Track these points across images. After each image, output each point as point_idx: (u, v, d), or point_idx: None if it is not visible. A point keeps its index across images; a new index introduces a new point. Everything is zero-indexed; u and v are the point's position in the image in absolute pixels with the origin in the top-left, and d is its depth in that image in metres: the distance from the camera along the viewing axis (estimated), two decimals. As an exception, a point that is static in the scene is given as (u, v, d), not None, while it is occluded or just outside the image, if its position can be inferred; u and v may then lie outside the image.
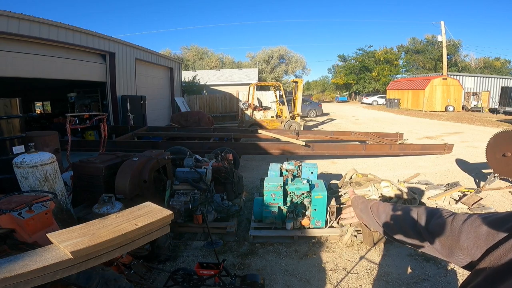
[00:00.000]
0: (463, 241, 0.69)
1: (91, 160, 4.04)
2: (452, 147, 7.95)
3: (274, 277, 3.08)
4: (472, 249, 0.66)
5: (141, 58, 12.63)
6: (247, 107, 12.94)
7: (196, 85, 20.85)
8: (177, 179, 4.05)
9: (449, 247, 0.73)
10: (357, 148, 7.89)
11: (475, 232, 0.67)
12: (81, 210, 3.83)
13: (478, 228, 0.67)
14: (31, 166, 3.26)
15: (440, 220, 0.77)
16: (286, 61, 40.91)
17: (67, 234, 1.16)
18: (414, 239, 0.83)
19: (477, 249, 0.65)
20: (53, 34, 8.03)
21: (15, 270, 0.95)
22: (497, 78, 28.37)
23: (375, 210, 1.03)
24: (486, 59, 40.10)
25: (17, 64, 7.27)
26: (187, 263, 3.31)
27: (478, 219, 0.69)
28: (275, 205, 3.83)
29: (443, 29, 25.74)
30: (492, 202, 4.97)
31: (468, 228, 0.69)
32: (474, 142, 10.22)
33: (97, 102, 12.87)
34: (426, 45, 41.48)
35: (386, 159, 7.94)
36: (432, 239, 0.77)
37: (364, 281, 3.02)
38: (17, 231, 1.97)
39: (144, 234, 1.28)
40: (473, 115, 20.65)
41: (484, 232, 0.65)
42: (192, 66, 35.82)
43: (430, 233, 0.78)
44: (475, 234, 0.67)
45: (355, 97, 43.83)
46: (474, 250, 0.66)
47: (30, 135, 4.73)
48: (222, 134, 8.99)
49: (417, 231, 0.81)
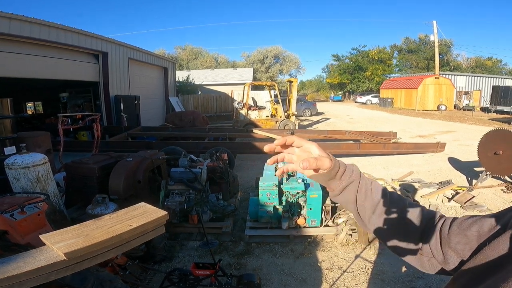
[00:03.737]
0: (454, 244, 0.69)
1: (84, 160, 4.00)
2: (445, 145, 8.05)
3: (270, 276, 3.09)
4: (463, 251, 0.67)
5: (134, 57, 12.53)
6: (242, 107, 12.93)
7: (190, 84, 20.76)
8: (172, 179, 4.03)
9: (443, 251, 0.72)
10: (351, 147, 7.94)
11: (465, 235, 0.67)
12: (75, 211, 3.79)
13: (468, 229, 0.67)
14: (23, 167, 3.21)
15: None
16: (281, 61, 40.98)
17: (61, 235, 1.14)
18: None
19: (468, 250, 0.66)
20: (45, 33, 7.93)
21: (8, 272, 0.93)
22: (488, 78, 28.77)
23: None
24: (477, 58, 40.66)
25: (7, 64, 7.15)
26: (183, 264, 3.30)
27: (466, 221, 0.69)
28: (271, 205, 3.83)
29: (435, 29, 26.02)
30: (484, 200, 5.04)
31: (457, 230, 0.69)
32: (466, 141, 10.35)
33: (90, 102, 12.73)
34: (419, 45, 41.91)
35: (380, 158, 8.00)
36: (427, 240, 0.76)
37: (360, 279, 3.04)
38: (9, 233, 1.95)
39: (139, 235, 1.27)
40: (465, 114, 20.92)
41: (474, 231, 0.65)
42: (187, 65, 35.64)
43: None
44: (465, 236, 0.67)
45: (349, 97, 44.10)
46: (466, 252, 0.66)
47: (21, 135, 4.66)
48: (217, 134, 8.97)
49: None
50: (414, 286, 2.92)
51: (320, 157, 0.73)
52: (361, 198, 0.79)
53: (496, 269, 0.54)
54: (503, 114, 18.85)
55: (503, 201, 5.03)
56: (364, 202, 0.79)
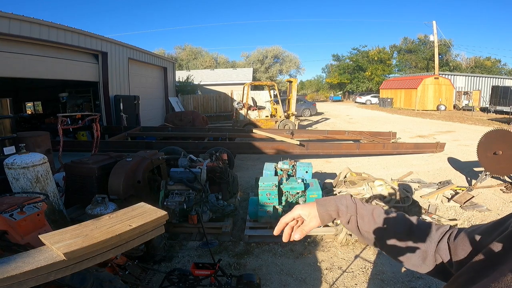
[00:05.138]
0: (460, 255, 0.71)
1: (83, 160, 3.99)
2: (444, 145, 8.06)
3: (270, 276, 3.09)
4: (466, 259, 0.69)
5: (134, 57, 12.53)
6: (241, 107, 12.92)
7: (190, 84, 20.75)
8: (172, 179, 4.03)
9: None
10: (351, 147, 7.94)
11: (469, 241, 0.70)
12: (74, 211, 3.79)
13: (473, 240, 0.70)
14: (22, 167, 3.21)
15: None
16: (281, 61, 40.99)
17: (60, 235, 1.14)
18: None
19: (470, 254, 0.69)
20: (44, 33, 7.92)
21: (7, 272, 0.93)
22: (487, 78, 28.77)
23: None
24: (477, 58, 40.69)
25: (7, 64, 7.15)
26: (183, 264, 3.30)
27: (469, 233, 0.72)
28: (270, 205, 3.83)
29: (435, 29, 26.04)
30: (484, 200, 5.04)
31: (462, 241, 0.72)
32: (465, 141, 10.36)
33: (90, 102, 12.72)
34: (418, 45, 41.95)
35: (380, 158, 8.01)
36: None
37: (359, 279, 3.04)
38: (9, 233, 1.94)
39: (138, 235, 1.26)
40: (464, 114, 20.93)
41: (478, 240, 0.68)
42: (186, 65, 35.63)
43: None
44: (469, 242, 0.70)
45: (349, 97, 44.10)
46: (468, 256, 0.69)
47: (21, 135, 4.66)
48: (217, 134, 8.97)
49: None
50: (413, 286, 2.92)
51: (307, 223, 0.90)
52: (365, 228, 0.87)
53: (490, 269, 0.56)
54: (503, 114, 18.87)
55: (503, 201, 5.03)
56: (369, 230, 0.87)
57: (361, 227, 0.87)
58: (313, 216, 0.90)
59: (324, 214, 0.90)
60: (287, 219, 0.93)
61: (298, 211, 0.92)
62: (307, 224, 0.90)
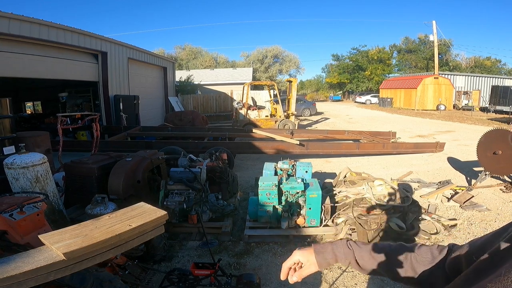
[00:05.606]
0: (463, 267, 0.73)
1: (83, 160, 3.99)
2: (444, 145, 8.06)
3: (270, 276, 3.09)
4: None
5: (134, 57, 12.52)
6: (241, 107, 12.92)
7: (190, 84, 20.75)
8: (172, 179, 4.03)
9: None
10: (351, 147, 7.94)
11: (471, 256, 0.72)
12: (74, 211, 3.79)
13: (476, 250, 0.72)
14: (22, 167, 3.21)
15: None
16: (280, 61, 41.00)
17: (60, 235, 1.14)
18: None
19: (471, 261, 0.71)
20: (44, 33, 7.92)
21: (7, 272, 0.93)
22: (487, 77, 28.77)
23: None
24: (476, 58, 40.69)
25: (7, 63, 7.15)
26: (183, 263, 3.30)
27: (470, 245, 0.76)
28: (270, 205, 3.83)
29: (434, 29, 26.03)
30: (484, 200, 5.05)
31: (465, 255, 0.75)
32: (465, 141, 10.37)
33: (89, 102, 12.73)
34: (418, 45, 41.94)
35: (380, 158, 8.01)
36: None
37: (359, 279, 3.04)
38: (9, 233, 1.94)
39: (138, 235, 1.27)
40: (464, 114, 20.93)
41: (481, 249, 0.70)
42: (186, 65, 35.63)
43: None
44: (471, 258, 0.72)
45: (349, 96, 44.11)
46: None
47: (21, 135, 4.66)
48: (217, 134, 8.97)
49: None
50: (413, 286, 2.92)
51: (305, 268, 0.98)
52: (368, 266, 0.93)
53: (488, 272, 0.58)
54: (502, 114, 18.86)
55: (502, 200, 5.03)
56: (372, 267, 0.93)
57: (363, 266, 0.93)
58: (311, 263, 0.97)
59: (322, 261, 0.97)
60: (289, 265, 1.01)
61: (297, 257, 1.00)
62: (305, 270, 0.98)
